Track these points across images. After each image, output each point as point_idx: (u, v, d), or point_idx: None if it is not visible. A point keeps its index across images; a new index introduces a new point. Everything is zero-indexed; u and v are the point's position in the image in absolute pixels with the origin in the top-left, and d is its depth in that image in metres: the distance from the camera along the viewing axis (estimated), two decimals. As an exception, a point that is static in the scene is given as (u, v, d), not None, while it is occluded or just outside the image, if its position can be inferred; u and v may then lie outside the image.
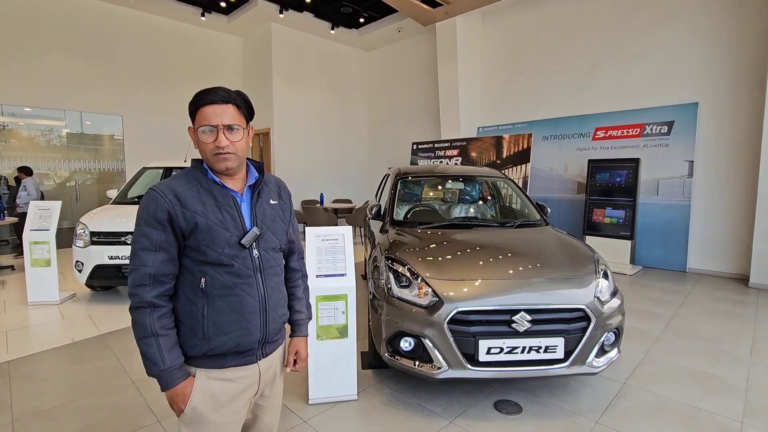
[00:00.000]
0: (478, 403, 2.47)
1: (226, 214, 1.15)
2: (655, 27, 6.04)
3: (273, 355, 1.29)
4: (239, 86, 9.65)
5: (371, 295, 2.71)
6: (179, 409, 1.13)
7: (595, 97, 6.71)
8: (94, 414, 2.36)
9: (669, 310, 4.20)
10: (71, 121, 7.73)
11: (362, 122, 10.86)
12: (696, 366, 2.97)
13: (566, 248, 2.81)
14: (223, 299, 1.13)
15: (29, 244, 4.27)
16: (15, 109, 7.12)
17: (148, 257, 1.09)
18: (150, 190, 1.12)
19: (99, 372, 2.87)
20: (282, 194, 1.34)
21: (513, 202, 4.68)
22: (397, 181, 3.87)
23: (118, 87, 8.03)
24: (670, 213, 5.94)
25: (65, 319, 3.93)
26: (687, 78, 5.81)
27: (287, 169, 9.11)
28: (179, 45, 8.74)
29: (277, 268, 1.28)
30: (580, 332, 2.28)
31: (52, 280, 4.33)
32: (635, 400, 2.51)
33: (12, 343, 3.35)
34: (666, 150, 5.95)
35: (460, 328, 2.23)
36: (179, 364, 1.11)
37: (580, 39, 6.83)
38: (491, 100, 8.20)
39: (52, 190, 7.65)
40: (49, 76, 7.28)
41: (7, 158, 7.18)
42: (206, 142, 1.12)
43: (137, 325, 1.10)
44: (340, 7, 8.40)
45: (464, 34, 7.91)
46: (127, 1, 7.64)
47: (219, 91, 1.12)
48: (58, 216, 4.40)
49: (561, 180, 7.08)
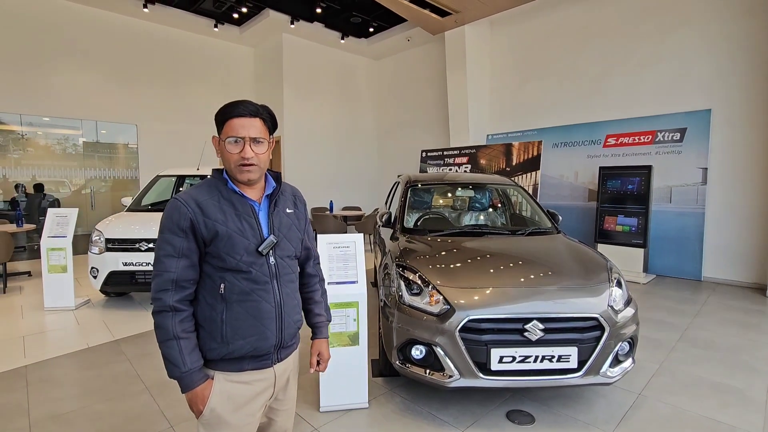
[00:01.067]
0: (490, 413, 2.45)
1: (244, 222, 1.19)
2: (666, 34, 6.01)
3: (287, 359, 1.31)
4: (251, 95, 9.80)
5: (382, 303, 2.71)
6: (198, 411, 1.16)
7: (605, 104, 6.68)
8: (109, 419, 2.39)
9: (684, 319, 4.13)
10: (87, 130, 7.91)
11: (371, 130, 10.94)
12: (713, 377, 2.91)
13: (578, 256, 2.79)
14: (241, 304, 1.17)
15: (47, 251, 4.36)
16: (33, 118, 7.32)
17: (171, 263, 1.14)
18: (174, 199, 1.18)
19: (113, 377, 2.90)
20: (297, 203, 1.38)
21: (523, 209, 4.66)
22: (407, 189, 3.88)
23: (133, 96, 8.21)
24: (683, 221, 5.85)
25: (80, 324, 4.00)
26: (699, 84, 5.76)
27: (297, 177, 9.19)
28: (192, 55, 8.92)
29: (293, 275, 1.31)
30: (594, 342, 2.25)
31: (69, 286, 4.41)
32: (651, 412, 2.47)
33: (29, 348, 3.41)
34: (679, 157, 5.88)
35: (471, 337, 2.22)
36: (199, 366, 1.15)
37: (589, 46, 6.82)
38: (500, 108, 8.21)
39: (68, 198, 7.81)
40: (67, 86, 7.48)
41: (25, 167, 7.36)
42: (232, 153, 1.17)
43: (160, 328, 1.14)
44: (350, 18, 8.51)
45: (473, 43, 7.95)
46: (141, 14, 7.84)
47: (248, 105, 1.18)
48: (75, 223, 4.49)
49: (571, 187, 7.03)
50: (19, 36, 6.98)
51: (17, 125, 7.20)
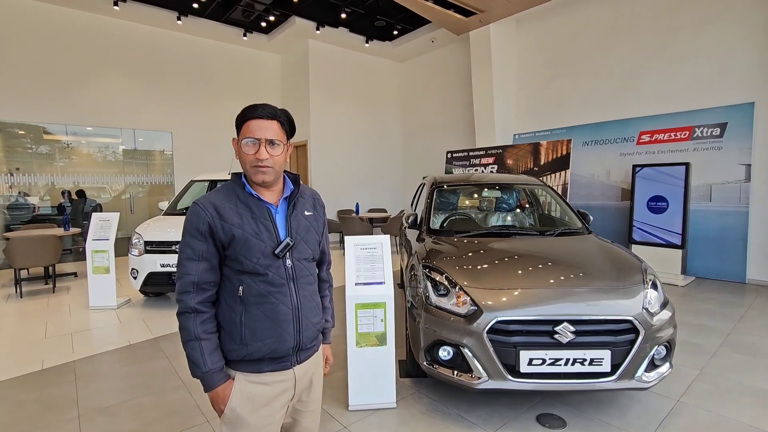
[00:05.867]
0: (520, 416, 2.42)
1: (261, 225, 1.21)
2: (701, 26, 5.75)
3: (308, 361, 1.32)
4: (278, 101, 10.04)
5: (409, 304, 2.73)
6: (219, 410, 1.20)
7: (638, 100, 6.45)
8: (151, 412, 2.51)
9: (727, 323, 3.93)
10: (126, 138, 8.32)
11: (396, 132, 10.97)
12: (758, 384, 2.76)
13: (611, 257, 2.72)
14: (258, 307, 1.19)
15: (91, 253, 4.62)
16: (77, 128, 7.77)
17: (191, 266, 1.17)
18: (193, 203, 1.21)
19: (153, 372, 3.05)
20: (317, 206, 1.39)
21: (552, 209, 4.56)
22: (433, 190, 3.88)
23: (168, 105, 8.58)
24: (725, 220, 5.57)
25: (122, 322, 4.21)
26: (740, 77, 5.47)
27: (323, 180, 9.33)
28: (223, 64, 9.24)
29: (310, 278, 1.32)
30: (628, 345, 2.19)
31: (111, 287, 4.66)
32: (690, 419, 2.37)
33: (77, 344, 3.63)
34: (719, 153, 5.61)
35: (500, 338, 2.21)
36: (220, 367, 1.19)
37: (620, 41, 6.61)
38: (527, 107, 8.06)
39: (108, 203, 8.24)
40: (107, 97, 7.90)
41: (70, 174, 7.82)
42: (248, 153, 1.19)
43: (183, 329, 1.18)
44: (374, 21, 8.59)
45: (498, 41, 7.85)
46: (175, 26, 8.19)
47: (266, 108, 1.21)
48: (117, 226, 4.74)
49: (603, 186, 6.81)
50: (62, 50, 7.43)
51: (63, 135, 7.66)
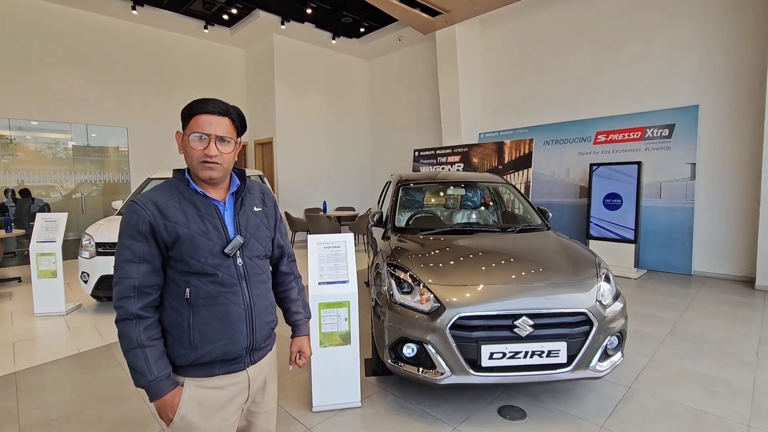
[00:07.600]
0: (483, 409, 2.46)
1: (208, 224, 1.15)
2: (655, 31, 6.07)
3: (262, 361, 1.29)
4: (242, 97, 9.77)
5: (374, 302, 2.72)
6: (168, 419, 1.14)
7: (596, 101, 6.73)
8: (100, 424, 2.37)
9: (674, 313, 4.18)
10: (77, 134, 7.83)
11: (364, 130, 10.93)
12: (702, 369, 2.95)
13: (567, 252, 2.82)
14: (208, 308, 1.14)
15: (36, 256, 4.32)
16: (22, 122, 7.23)
17: (131, 269, 1.10)
18: (131, 202, 1.13)
19: (104, 382, 2.88)
20: (266, 201, 1.34)
21: (515, 207, 4.69)
22: (399, 188, 3.89)
23: (123, 100, 8.14)
24: (673, 216, 5.92)
25: (71, 329, 3.96)
26: (688, 81, 5.82)
27: (290, 178, 9.17)
28: (183, 58, 8.86)
29: (263, 276, 1.27)
30: (583, 336, 2.28)
31: (59, 292, 4.37)
32: (641, 405, 2.50)
33: (19, 355, 3.38)
34: (668, 153, 5.95)
35: (462, 334, 2.24)
36: (167, 374, 1.12)
37: (580, 43, 6.87)
38: (492, 106, 8.24)
39: (58, 202, 7.73)
40: (56, 90, 7.40)
41: (15, 171, 7.28)
42: (196, 149, 1.13)
43: (123, 337, 1.10)
44: (341, 18, 8.50)
45: (464, 42, 7.98)
46: (130, 16, 7.78)
47: (218, 103, 1.15)
48: (65, 227, 4.45)
49: (563, 184, 7.08)
50: (6, 40, 6.89)
51: (5, 129, 7.11)
